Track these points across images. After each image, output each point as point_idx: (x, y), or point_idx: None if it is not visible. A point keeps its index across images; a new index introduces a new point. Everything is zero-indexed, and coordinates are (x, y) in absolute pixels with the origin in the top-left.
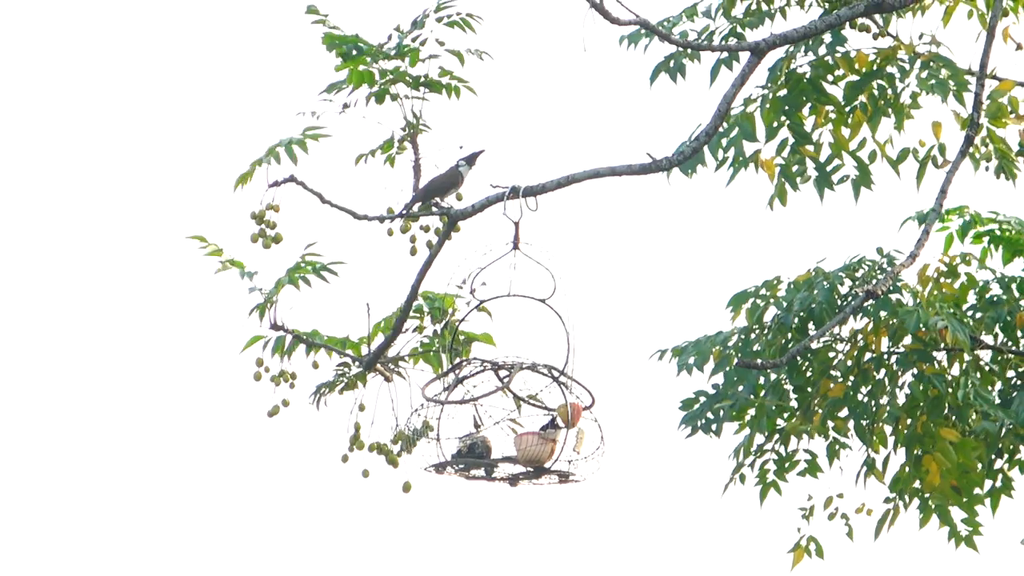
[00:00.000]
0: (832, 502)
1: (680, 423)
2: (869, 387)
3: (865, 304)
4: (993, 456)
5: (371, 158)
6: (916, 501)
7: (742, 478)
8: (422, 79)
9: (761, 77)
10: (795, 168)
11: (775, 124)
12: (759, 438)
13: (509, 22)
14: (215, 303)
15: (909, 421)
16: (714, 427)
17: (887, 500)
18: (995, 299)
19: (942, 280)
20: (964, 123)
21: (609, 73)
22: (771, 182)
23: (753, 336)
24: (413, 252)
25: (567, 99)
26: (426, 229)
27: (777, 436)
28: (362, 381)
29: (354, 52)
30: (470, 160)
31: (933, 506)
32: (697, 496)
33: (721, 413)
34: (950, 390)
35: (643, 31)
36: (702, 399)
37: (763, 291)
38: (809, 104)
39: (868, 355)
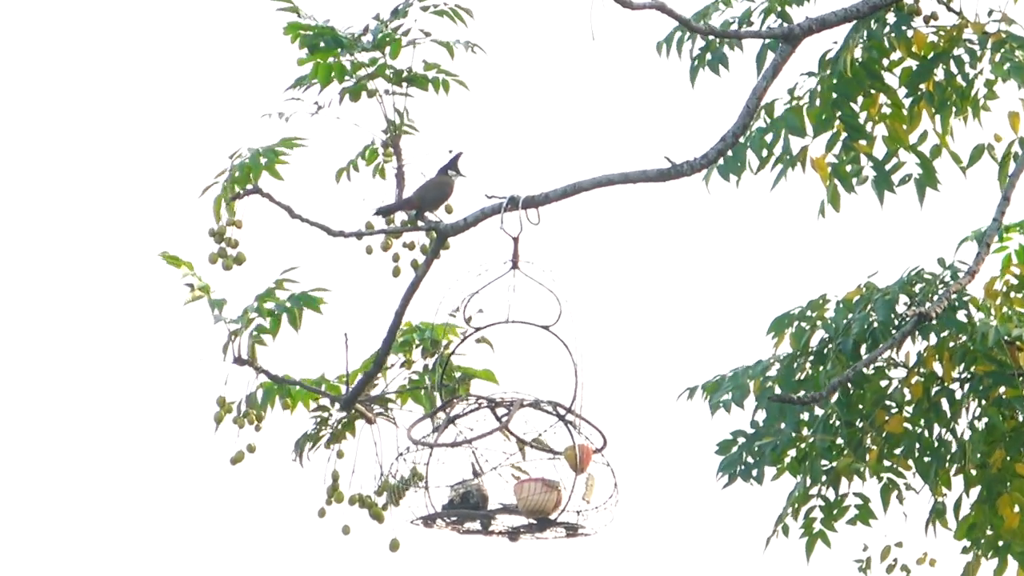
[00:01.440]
0: (890, 552)
1: (718, 470)
2: (931, 419)
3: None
4: None
5: (353, 171)
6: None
7: (785, 529)
8: (405, 73)
9: (799, 65)
10: (848, 168)
11: (824, 117)
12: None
13: (505, 8)
14: (169, 330)
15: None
16: (755, 472)
17: (965, 550)
18: None
19: (1012, 295)
20: (1017, 123)
21: (621, 66)
22: (823, 185)
23: (796, 365)
24: (396, 273)
25: (573, 96)
26: (411, 247)
27: (824, 478)
28: (350, 432)
29: (322, 44)
30: (450, 167)
31: (1016, 553)
32: (730, 552)
33: (762, 455)
34: None
35: (681, 31)
36: (740, 440)
37: (808, 313)
38: (862, 94)
39: (932, 384)
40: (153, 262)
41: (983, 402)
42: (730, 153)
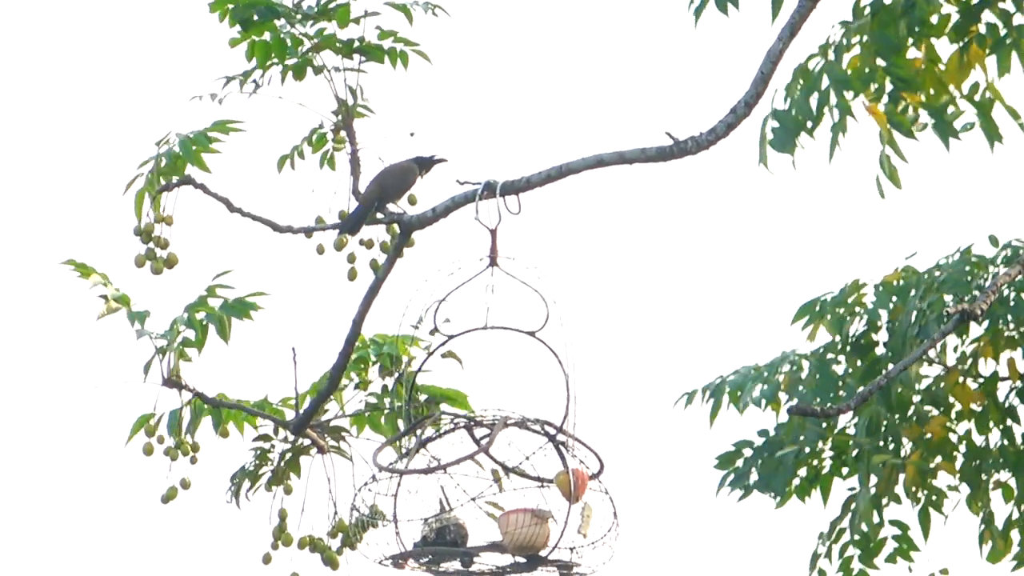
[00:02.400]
0: None
1: (724, 484)
2: (1006, 424)
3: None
4: None
5: (298, 159)
6: None
7: (822, 574)
8: (356, 44)
9: (818, 24)
10: (906, 116)
11: (868, 70)
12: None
13: None
14: (86, 346)
15: None
16: (774, 484)
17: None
18: None
19: None
20: None
21: (612, 27)
22: (882, 133)
23: (830, 358)
24: (352, 276)
25: (556, 64)
26: (368, 244)
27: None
28: (294, 471)
29: (256, 17)
30: (422, 165)
31: None
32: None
33: (782, 465)
34: None
35: None
36: (747, 451)
37: (847, 300)
38: (910, 41)
39: (993, 386)
40: (62, 271)
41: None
42: (776, 124)
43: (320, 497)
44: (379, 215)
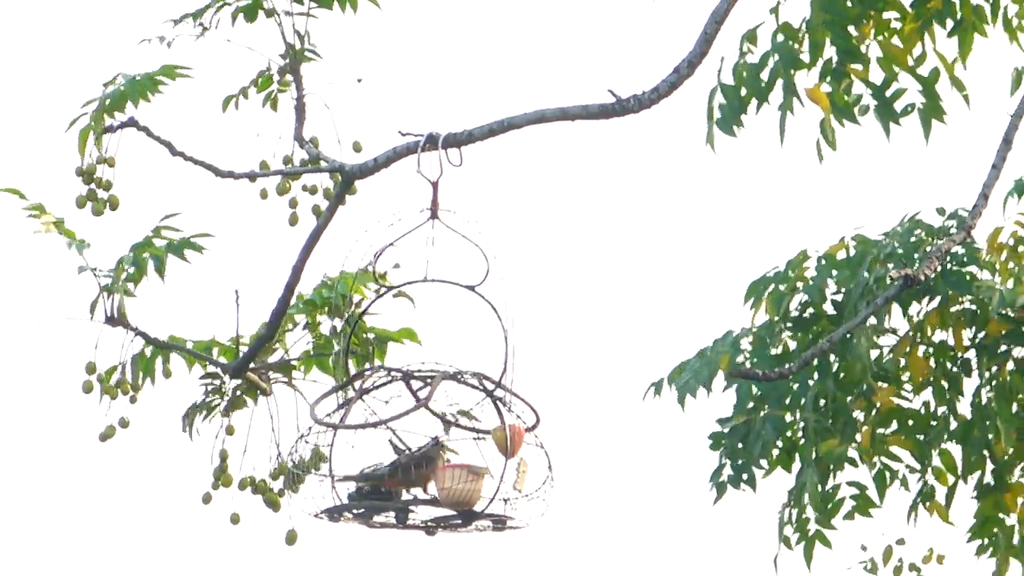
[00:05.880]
0: (892, 552)
1: (710, 481)
2: (949, 394)
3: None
4: None
5: (243, 100)
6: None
7: (786, 541)
8: None
9: None
10: (846, 98)
11: (816, 40)
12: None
13: None
14: (30, 282)
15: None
16: (745, 476)
17: (981, 548)
18: None
19: (1020, 249)
20: None
21: None
22: (826, 118)
23: (773, 335)
24: (294, 221)
25: (503, 16)
26: (312, 190)
27: (806, 464)
28: (252, 397)
29: None
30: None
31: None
32: (687, 539)
33: (750, 454)
34: None
35: None
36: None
37: (789, 273)
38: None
39: (942, 355)
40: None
41: (996, 369)
42: (723, 99)
43: (263, 438)
44: (322, 163)
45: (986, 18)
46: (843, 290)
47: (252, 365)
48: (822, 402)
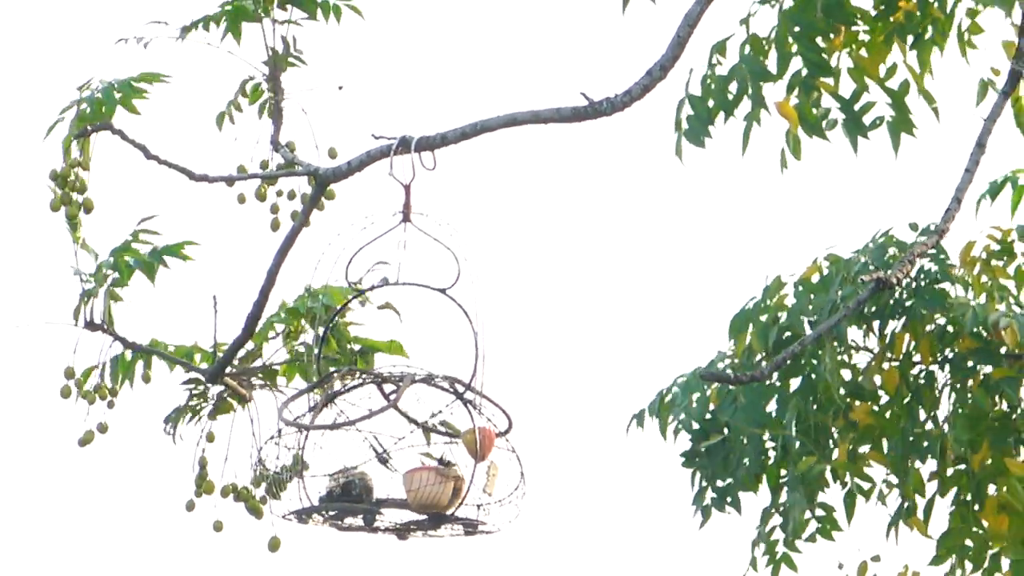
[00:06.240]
0: (867, 569)
1: (693, 504)
2: (912, 408)
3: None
4: None
5: (236, 112)
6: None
7: (753, 563)
8: None
9: None
10: (814, 111)
11: (786, 51)
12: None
13: None
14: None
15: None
16: (729, 499)
17: (935, 560)
18: None
19: (993, 263)
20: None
21: None
22: (793, 132)
23: (755, 362)
24: (275, 226)
25: (478, 23)
26: (291, 196)
27: (790, 487)
28: (239, 400)
29: None
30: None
31: (1010, 562)
32: (657, 545)
33: (735, 476)
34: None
35: None
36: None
37: (766, 302)
38: (829, 30)
39: (908, 368)
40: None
41: (965, 385)
42: (690, 111)
43: (245, 445)
44: (296, 167)
45: (945, 31)
46: (816, 315)
47: (234, 371)
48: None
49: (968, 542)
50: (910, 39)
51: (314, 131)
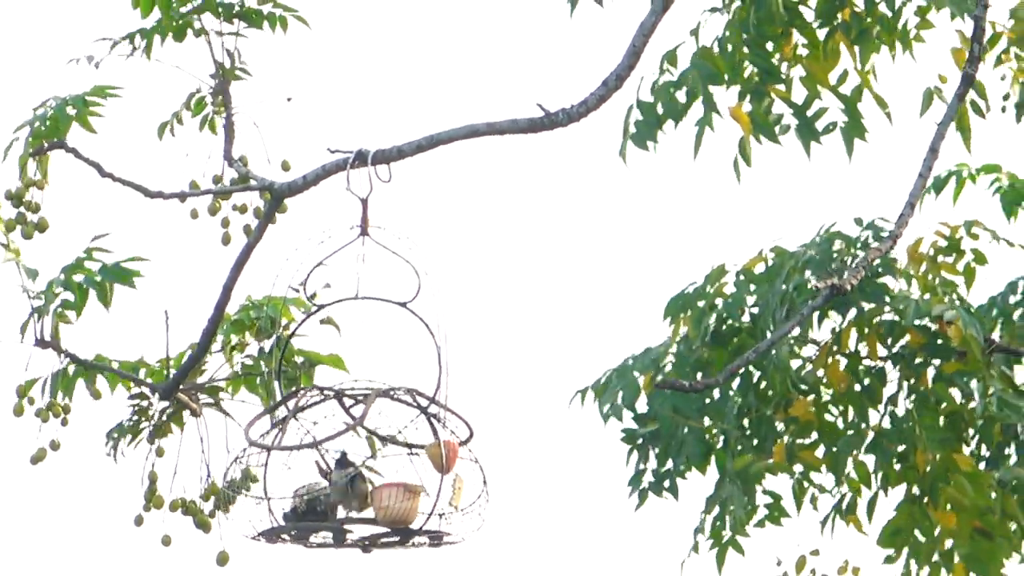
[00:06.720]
0: (806, 564)
1: (628, 486)
2: (863, 404)
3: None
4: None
5: (178, 125)
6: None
7: (695, 547)
8: (236, 7)
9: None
10: (768, 117)
11: (737, 59)
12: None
13: None
14: None
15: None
16: (667, 484)
17: (890, 559)
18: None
19: (940, 259)
20: (961, 59)
21: None
22: (747, 138)
23: (692, 349)
24: (227, 241)
25: (432, 34)
26: (242, 210)
27: (730, 479)
28: (178, 423)
29: None
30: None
31: (959, 557)
32: (618, 553)
33: (675, 465)
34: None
35: None
36: (639, 441)
37: (707, 289)
38: (777, 33)
39: (856, 364)
40: None
41: (920, 381)
42: (639, 116)
43: (193, 459)
44: (252, 182)
45: (891, 28)
46: (760, 305)
47: (181, 386)
48: (745, 418)
49: (920, 537)
50: (854, 35)
51: (266, 144)
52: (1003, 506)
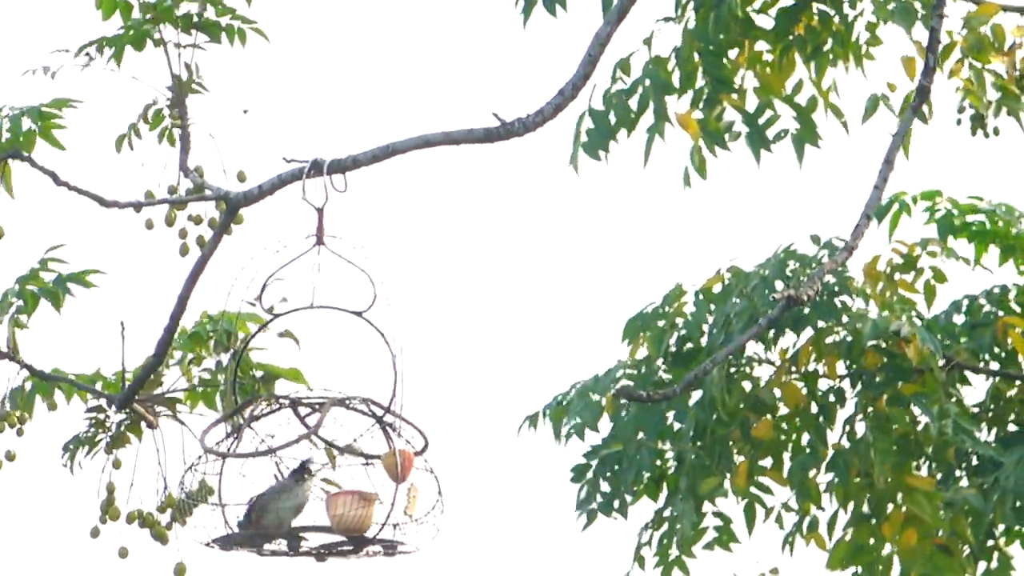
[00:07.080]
0: None
1: (576, 508)
2: (820, 425)
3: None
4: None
5: (135, 138)
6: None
7: (640, 561)
8: (194, 19)
9: (658, 7)
10: (719, 125)
11: (689, 69)
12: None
13: None
14: None
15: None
16: (616, 504)
17: None
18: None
19: (897, 276)
20: (912, 69)
21: (445, 10)
22: (695, 144)
23: (651, 370)
24: (184, 252)
25: (388, 44)
26: (197, 220)
27: (682, 497)
28: (136, 434)
29: None
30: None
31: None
32: (569, 564)
33: (623, 482)
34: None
35: None
36: (595, 462)
37: (665, 309)
38: (732, 45)
39: (813, 383)
40: None
41: (872, 402)
42: (591, 124)
43: (150, 471)
44: (207, 191)
45: (845, 42)
46: (714, 326)
47: (138, 398)
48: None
49: (875, 552)
50: (808, 51)
51: (222, 155)
52: (954, 527)
